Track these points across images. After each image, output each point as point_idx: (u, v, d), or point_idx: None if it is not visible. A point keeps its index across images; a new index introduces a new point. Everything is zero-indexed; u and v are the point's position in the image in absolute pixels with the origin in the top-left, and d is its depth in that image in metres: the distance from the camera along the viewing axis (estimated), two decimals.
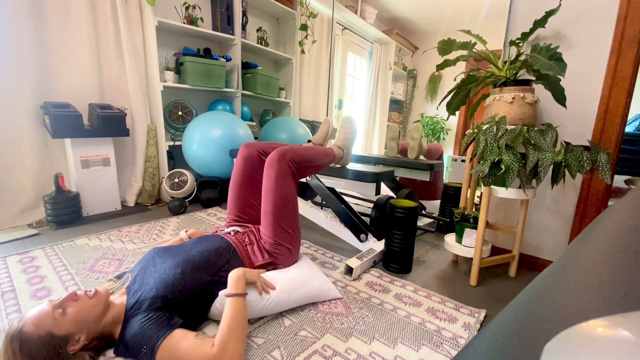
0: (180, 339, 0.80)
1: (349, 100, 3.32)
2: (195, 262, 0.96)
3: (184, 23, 2.18)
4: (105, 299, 0.83)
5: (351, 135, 1.50)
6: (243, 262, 1.08)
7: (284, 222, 1.14)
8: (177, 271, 0.91)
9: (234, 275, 0.95)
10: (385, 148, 2.40)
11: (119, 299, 0.88)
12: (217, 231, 1.23)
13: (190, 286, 0.91)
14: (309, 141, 1.52)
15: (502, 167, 1.11)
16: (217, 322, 0.98)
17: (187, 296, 0.90)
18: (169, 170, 2.24)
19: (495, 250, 1.58)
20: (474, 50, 1.31)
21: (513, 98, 1.20)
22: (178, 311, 0.86)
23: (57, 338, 0.72)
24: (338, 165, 1.56)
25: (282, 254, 1.15)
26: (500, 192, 1.23)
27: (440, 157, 2.37)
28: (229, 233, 1.17)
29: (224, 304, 0.89)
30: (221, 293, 0.95)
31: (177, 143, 2.26)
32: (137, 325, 0.80)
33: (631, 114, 2.94)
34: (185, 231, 1.26)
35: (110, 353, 0.84)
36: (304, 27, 2.97)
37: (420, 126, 2.12)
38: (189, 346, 0.79)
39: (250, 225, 1.27)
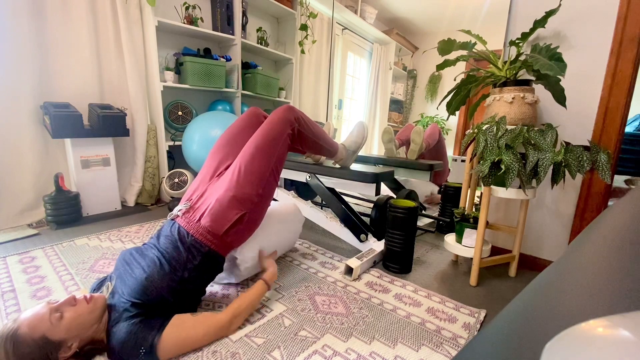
0: (180, 322, 0.83)
1: (349, 100, 3.32)
2: (161, 263, 0.91)
3: (184, 23, 2.18)
4: (102, 305, 0.82)
5: (361, 140, 1.50)
6: (202, 242, 0.97)
7: (260, 159, 1.05)
8: (143, 277, 0.87)
9: (274, 271, 1.13)
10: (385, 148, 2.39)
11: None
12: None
13: (164, 289, 0.87)
14: None
15: (502, 167, 1.11)
16: None
17: (163, 298, 0.87)
18: (169, 170, 2.23)
19: (495, 250, 1.58)
20: (474, 50, 1.31)
21: (513, 98, 1.20)
22: (160, 313, 0.85)
23: (50, 343, 0.72)
24: (338, 165, 1.56)
25: (252, 195, 1.03)
26: (500, 192, 1.23)
27: (440, 138, 2.31)
28: (177, 215, 1.03)
29: (248, 262, 1.14)
30: (261, 251, 1.19)
31: (177, 143, 2.26)
32: (122, 334, 0.78)
33: (631, 114, 2.94)
34: None
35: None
36: (304, 27, 2.97)
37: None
38: (195, 322, 0.84)
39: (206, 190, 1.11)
